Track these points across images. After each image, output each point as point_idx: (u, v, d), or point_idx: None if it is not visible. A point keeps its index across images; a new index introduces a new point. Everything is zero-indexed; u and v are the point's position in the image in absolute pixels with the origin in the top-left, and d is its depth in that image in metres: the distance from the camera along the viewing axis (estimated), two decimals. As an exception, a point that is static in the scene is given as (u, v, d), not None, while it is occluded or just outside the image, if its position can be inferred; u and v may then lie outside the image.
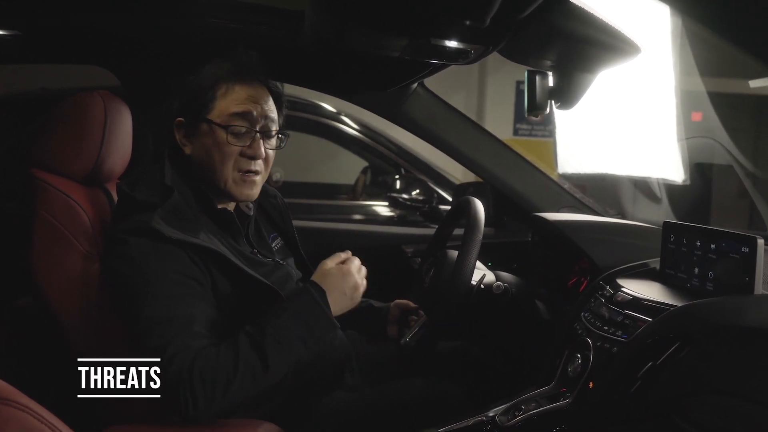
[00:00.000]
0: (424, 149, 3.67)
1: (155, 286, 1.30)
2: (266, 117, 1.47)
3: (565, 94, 1.31)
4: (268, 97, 1.49)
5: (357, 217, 3.80)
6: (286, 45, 1.80)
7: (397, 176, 3.48)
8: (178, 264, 1.33)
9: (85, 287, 1.44)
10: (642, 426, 1.14)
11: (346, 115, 3.70)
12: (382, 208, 3.75)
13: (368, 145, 3.74)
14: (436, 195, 3.36)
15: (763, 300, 1.16)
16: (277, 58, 1.49)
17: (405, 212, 3.34)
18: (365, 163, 4.39)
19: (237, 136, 1.43)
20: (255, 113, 1.45)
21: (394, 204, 3.34)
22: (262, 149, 1.46)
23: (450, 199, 3.39)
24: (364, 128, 3.71)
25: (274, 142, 1.51)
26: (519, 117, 7.59)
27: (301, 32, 1.68)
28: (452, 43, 1.21)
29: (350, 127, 3.69)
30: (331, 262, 1.43)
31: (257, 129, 1.45)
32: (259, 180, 1.49)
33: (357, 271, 1.43)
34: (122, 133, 1.61)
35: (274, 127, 1.50)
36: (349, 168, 4.69)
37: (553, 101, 1.35)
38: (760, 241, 1.19)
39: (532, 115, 1.39)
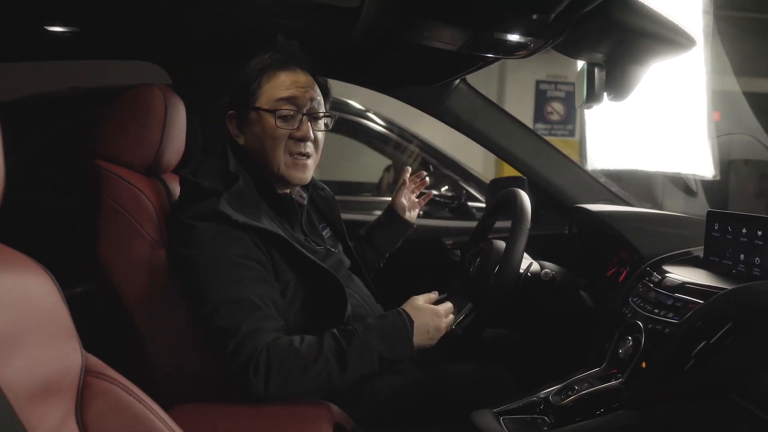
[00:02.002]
0: (449, 147, 3.74)
1: (222, 270, 1.37)
2: (312, 100, 1.53)
3: (618, 87, 1.35)
4: (311, 82, 1.56)
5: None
6: (333, 40, 1.86)
7: (425, 173, 3.53)
8: (243, 248, 1.40)
9: (151, 272, 1.50)
10: (698, 403, 1.18)
11: (373, 113, 3.76)
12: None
13: (395, 142, 3.79)
14: (464, 192, 3.41)
15: (815, 282, 1.21)
16: (322, 53, 1.55)
17: (433, 208, 3.38)
18: (387, 162, 4.45)
19: (285, 119, 1.49)
20: (300, 97, 1.51)
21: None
22: (311, 131, 1.52)
23: (478, 195, 3.44)
24: (392, 125, 3.76)
25: (321, 124, 1.57)
26: (538, 117, 7.64)
27: (349, 28, 1.74)
28: (514, 37, 1.27)
29: (377, 124, 3.74)
30: (422, 299, 1.50)
31: (304, 112, 1.51)
32: (311, 163, 1.55)
33: (445, 315, 1.50)
34: (179, 126, 1.67)
35: (321, 109, 1.56)
36: (372, 166, 4.75)
37: (605, 93, 1.40)
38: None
39: (587, 107, 1.43)
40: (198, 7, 1.78)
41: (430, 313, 1.46)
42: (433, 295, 1.53)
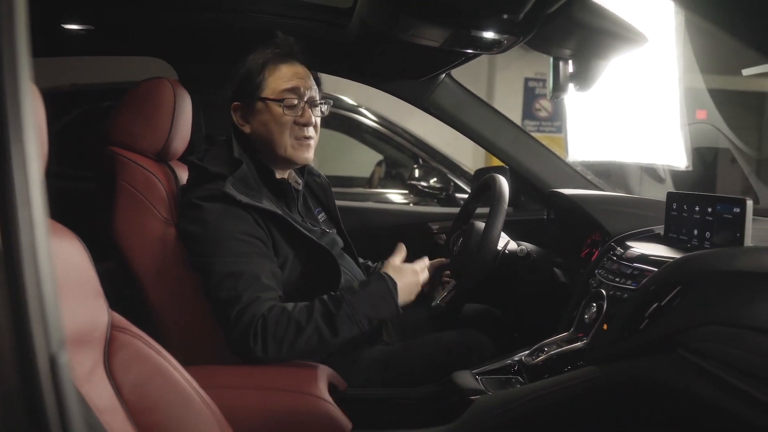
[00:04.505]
0: (437, 141, 3.88)
1: (227, 245, 1.52)
2: (310, 89, 1.69)
3: (583, 79, 1.52)
4: (308, 73, 1.71)
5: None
6: (329, 37, 2.01)
7: (415, 165, 3.66)
8: (246, 226, 1.54)
9: (163, 249, 1.64)
10: (650, 358, 1.33)
11: (365, 108, 3.89)
12: (396, 197, 3.94)
13: (386, 137, 3.91)
14: (452, 184, 3.55)
15: (752, 249, 1.36)
16: (318, 49, 1.71)
17: (422, 199, 3.51)
18: (378, 158, 4.59)
19: (290, 107, 1.65)
20: (301, 87, 1.66)
21: (413, 191, 3.52)
22: (312, 117, 1.68)
23: (465, 187, 3.58)
24: (383, 120, 3.90)
25: (319, 110, 1.72)
26: (527, 113, 7.78)
27: (344, 26, 1.89)
28: (489, 34, 1.43)
29: (369, 119, 3.87)
30: (398, 260, 1.68)
31: (305, 100, 1.67)
32: (313, 144, 1.71)
33: (421, 270, 1.68)
34: (185, 116, 1.81)
35: (318, 97, 1.71)
36: (363, 161, 4.87)
37: (572, 84, 1.56)
38: (749, 202, 1.38)
39: (555, 97, 1.59)
40: (203, 6, 1.93)
41: (410, 272, 1.63)
42: (404, 253, 1.71)
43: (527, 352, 1.59)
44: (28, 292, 0.49)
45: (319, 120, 1.72)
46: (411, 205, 3.54)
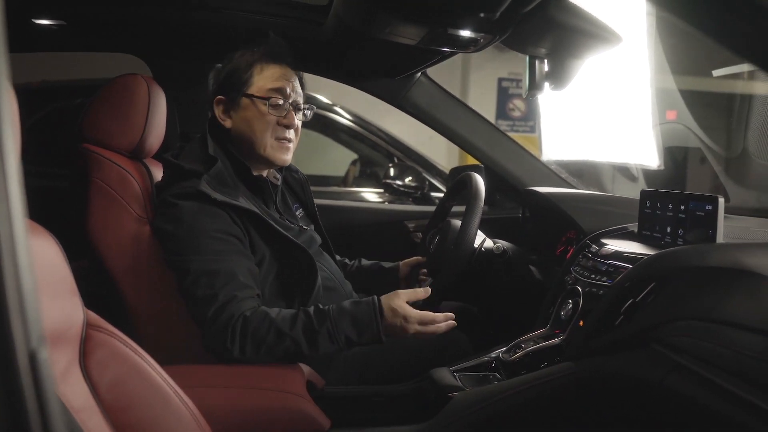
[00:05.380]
0: (412, 141, 3.89)
1: (203, 243, 1.50)
2: (296, 92, 1.69)
3: (558, 78, 1.53)
4: (295, 77, 1.71)
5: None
6: (305, 35, 2.01)
7: (390, 164, 3.67)
8: (222, 224, 1.53)
9: (138, 247, 1.62)
10: (625, 353, 1.35)
11: (340, 107, 3.89)
12: (371, 195, 3.94)
13: (361, 135, 3.91)
14: (427, 182, 3.56)
15: (724, 246, 1.38)
16: (295, 46, 1.70)
17: (397, 198, 3.52)
18: (353, 157, 4.59)
19: (275, 107, 1.64)
20: (287, 89, 1.66)
21: (388, 190, 3.53)
22: (295, 119, 1.67)
23: (440, 186, 3.59)
24: (358, 118, 3.90)
25: (302, 114, 1.72)
26: (500, 113, 7.83)
27: (320, 24, 1.88)
28: (466, 33, 1.44)
29: (344, 118, 3.86)
30: (405, 297, 1.53)
31: (290, 102, 1.66)
32: (292, 147, 1.70)
33: (417, 322, 1.52)
34: (160, 113, 1.79)
35: (302, 101, 1.71)
36: (337, 161, 4.87)
37: (547, 83, 1.57)
38: (721, 200, 1.41)
39: (531, 95, 1.60)
40: (177, 3, 1.91)
41: (401, 317, 1.51)
42: (421, 293, 1.58)
43: (504, 348, 1.60)
44: (7, 286, 0.48)
45: (300, 124, 1.72)
46: (386, 203, 3.54)
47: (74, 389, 0.95)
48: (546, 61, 1.56)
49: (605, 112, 2.76)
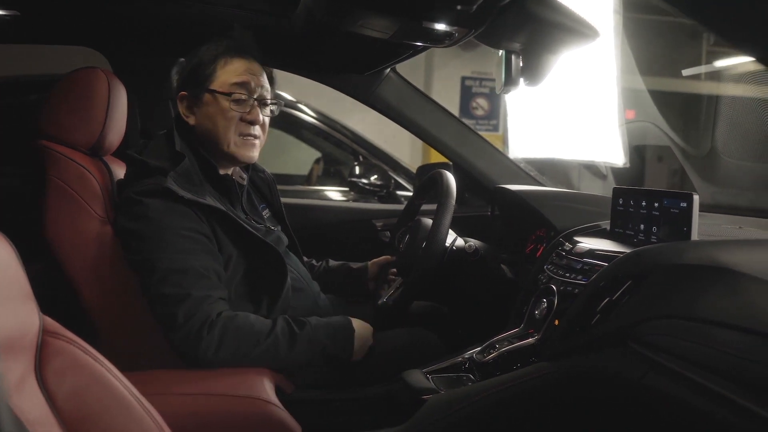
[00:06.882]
0: (377, 138, 3.86)
1: (170, 241, 1.45)
2: (262, 87, 1.63)
3: (533, 73, 1.51)
4: (262, 71, 1.66)
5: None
6: (272, 29, 1.95)
7: (356, 162, 3.63)
8: (189, 222, 1.48)
9: (98, 248, 1.56)
10: (602, 352, 1.33)
11: (304, 104, 3.83)
12: (336, 194, 3.90)
13: (325, 133, 3.87)
14: (393, 181, 3.54)
15: (699, 243, 1.38)
16: (262, 40, 1.66)
17: (362, 197, 3.49)
18: (316, 155, 4.53)
19: (238, 102, 1.59)
20: (252, 84, 1.61)
21: (353, 188, 3.49)
22: (260, 115, 1.63)
23: (405, 184, 3.57)
24: (322, 116, 3.85)
25: (268, 110, 1.67)
26: (464, 112, 7.86)
27: (288, 17, 1.83)
28: (441, 26, 1.40)
29: (308, 115, 3.81)
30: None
31: (255, 97, 1.61)
32: (258, 144, 1.66)
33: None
34: (120, 109, 1.73)
35: (269, 97, 1.66)
36: (301, 159, 4.81)
37: (522, 79, 1.54)
38: (696, 197, 1.40)
39: (505, 91, 1.58)
40: None
41: (370, 333, 1.66)
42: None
43: (478, 349, 1.57)
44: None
45: (267, 120, 1.67)
46: (351, 202, 3.50)
47: (29, 401, 0.91)
48: (521, 56, 1.53)
49: (572, 110, 2.76)
